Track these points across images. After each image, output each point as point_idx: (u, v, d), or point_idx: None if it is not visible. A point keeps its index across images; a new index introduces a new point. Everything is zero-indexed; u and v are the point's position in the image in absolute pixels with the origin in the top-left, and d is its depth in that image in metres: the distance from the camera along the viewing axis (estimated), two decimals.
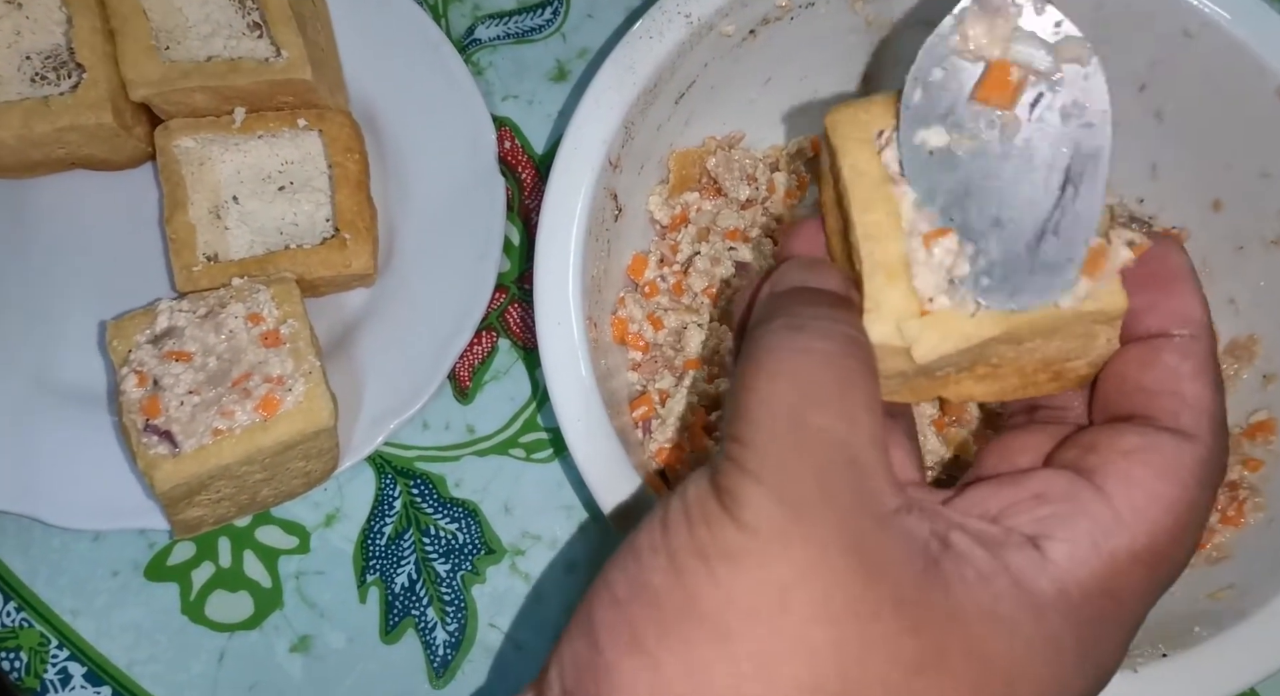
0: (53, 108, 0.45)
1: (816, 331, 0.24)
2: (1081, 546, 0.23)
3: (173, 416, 0.40)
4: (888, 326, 0.25)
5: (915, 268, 0.25)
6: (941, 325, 0.24)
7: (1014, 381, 0.27)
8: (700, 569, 0.22)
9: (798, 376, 0.23)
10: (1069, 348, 0.26)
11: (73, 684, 0.46)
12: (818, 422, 0.22)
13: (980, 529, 0.23)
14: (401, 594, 0.47)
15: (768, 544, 0.21)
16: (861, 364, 0.24)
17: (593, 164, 0.40)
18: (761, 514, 0.22)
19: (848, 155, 0.26)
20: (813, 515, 0.21)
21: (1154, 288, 0.26)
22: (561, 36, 0.55)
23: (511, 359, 0.50)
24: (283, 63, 0.45)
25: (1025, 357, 0.26)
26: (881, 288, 0.25)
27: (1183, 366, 0.25)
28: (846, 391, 0.23)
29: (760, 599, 0.21)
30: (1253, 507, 0.40)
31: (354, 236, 0.46)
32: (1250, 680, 0.34)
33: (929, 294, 0.24)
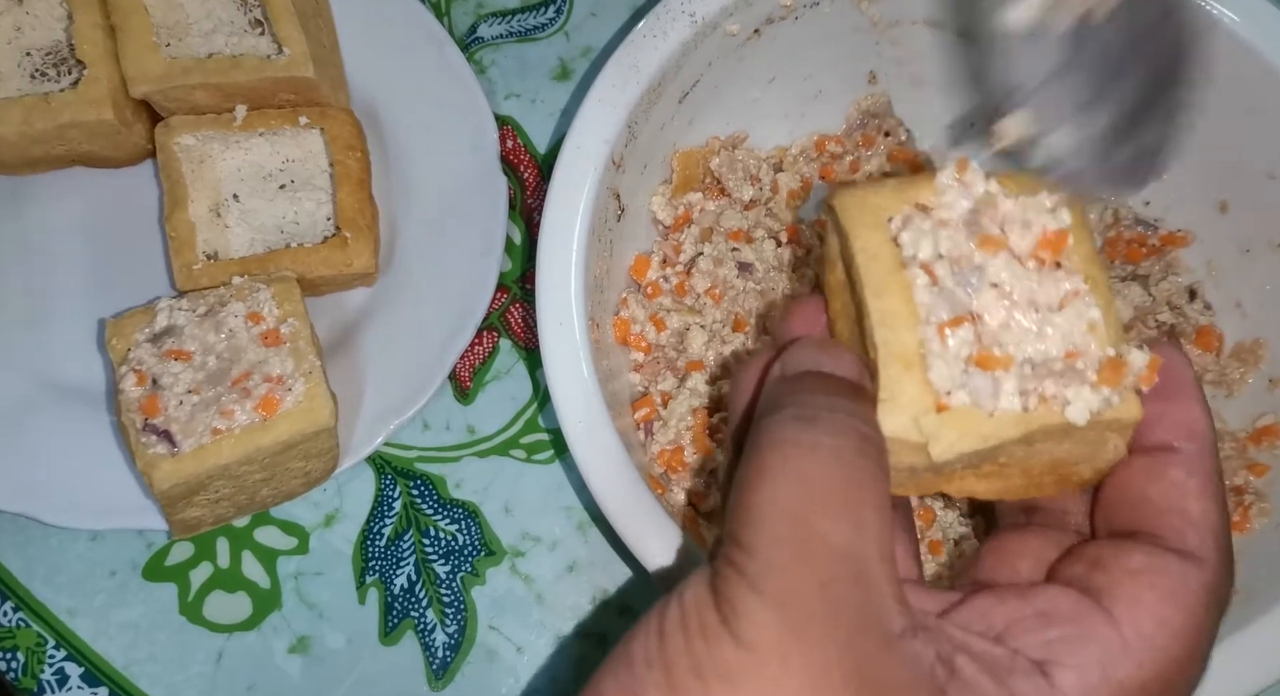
0: (53, 104, 0.45)
1: (827, 425, 0.23)
2: (1090, 675, 0.22)
3: (172, 415, 0.40)
4: (904, 419, 0.24)
5: (931, 359, 0.24)
6: (960, 423, 0.24)
7: (1018, 481, 0.27)
8: (695, 688, 0.21)
9: (804, 476, 0.22)
10: (1078, 452, 0.25)
11: (70, 684, 0.46)
12: (823, 528, 0.21)
13: (985, 652, 0.23)
14: (401, 595, 0.47)
15: (766, 665, 0.20)
16: (873, 463, 0.23)
17: (595, 163, 0.39)
18: (761, 629, 0.21)
19: (859, 239, 0.25)
20: (815, 633, 0.20)
21: (1159, 398, 0.25)
22: (565, 35, 0.55)
23: (513, 359, 0.50)
24: (284, 60, 0.45)
25: (1034, 459, 0.26)
26: (897, 378, 0.24)
27: (1189, 483, 0.25)
28: (855, 494, 0.22)
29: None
30: (1258, 513, 0.40)
31: (355, 235, 0.46)
32: (1255, 687, 0.34)
33: (945, 387, 0.24)
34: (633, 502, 0.36)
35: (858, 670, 0.20)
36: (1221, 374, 0.44)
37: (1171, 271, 0.45)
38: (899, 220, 0.25)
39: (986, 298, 0.24)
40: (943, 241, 0.25)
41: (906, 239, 0.25)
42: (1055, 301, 0.24)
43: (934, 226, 0.25)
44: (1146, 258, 0.46)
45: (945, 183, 0.25)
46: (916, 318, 0.24)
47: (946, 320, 0.24)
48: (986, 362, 0.24)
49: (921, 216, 0.25)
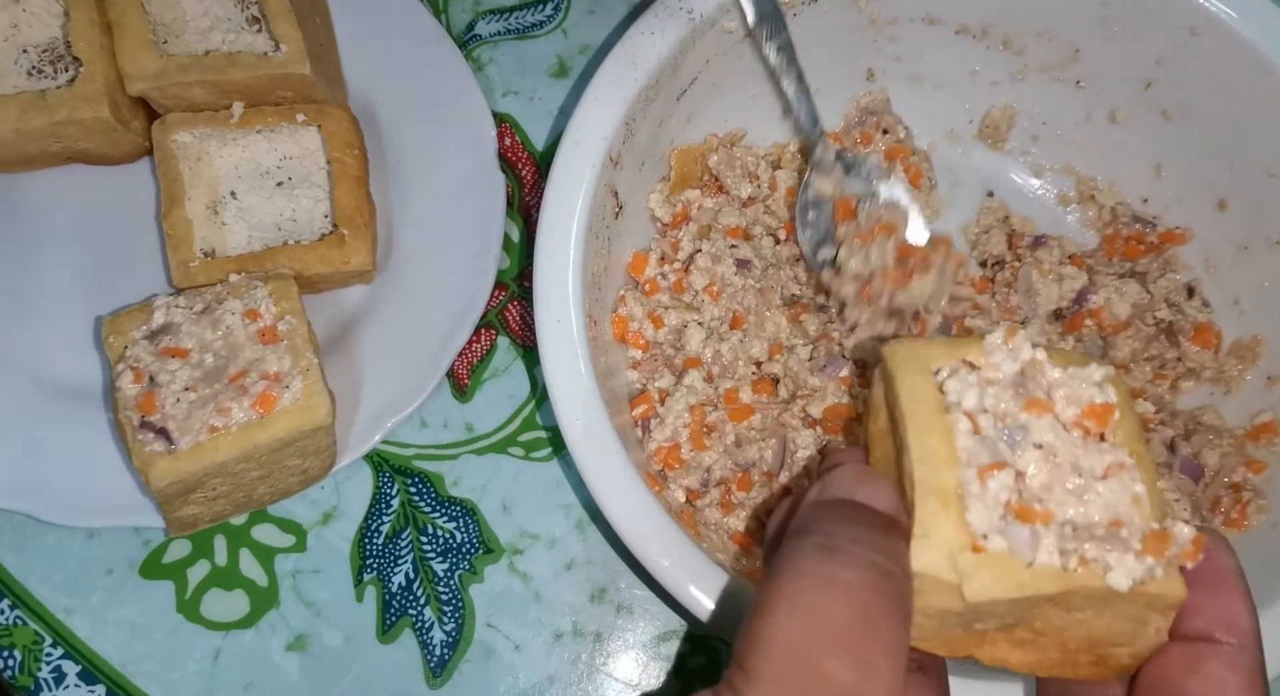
0: (49, 101, 0.45)
1: (847, 558, 0.23)
2: None
3: (169, 413, 0.40)
4: (938, 556, 0.23)
5: (970, 500, 0.24)
6: (997, 567, 0.23)
7: (1054, 656, 0.26)
8: None
9: (816, 611, 0.22)
10: (1118, 630, 0.25)
11: (66, 682, 0.45)
12: (829, 668, 0.21)
13: None
14: (399, 593, 0.47)
15: None
16: (892, 604, 0.22)
17: (593, 161, 0.39)
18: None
19: (905, 381, 0.25)
20: None
21: (1202, 587, 0.25)
22: (563, 32, 0.55)
23: (511, 357, 0.50)
24: (281, 57, 0.45)
25: (1071, 630, 0.25)
26: (934, 513, 0.24)
27: (1229, 679, 0.24)
28: (868, 634, 0.22)
29: None
30: (1256, 510, 0.40)
31: (352, 233, 0.46)
32: None
33: (982, 530, 0.23)
34: (630, 500, 0.36)
35: None
36: (1219, 371, 0.44)
37: (1170, 269, 0.45)
38: (946, 370, 0.26)
39: (1030, 455, 0.24)
40: (988, 397, 0.25)
41: (952, 386, 0.25)
42: (1099, 470, 0.24)
43: (980, 381, 0.25)
44: (1145, 255, 0.46)
45: (994, 343, 0.26)
46: (957, 460, 0.24)
47: (987, 464, 0.24)
48: (1026, 515, 0.24)
49: (968, 370, 0.25)
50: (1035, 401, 0.25)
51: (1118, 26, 0.42)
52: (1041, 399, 0.25)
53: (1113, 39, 0.42)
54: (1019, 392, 0.25)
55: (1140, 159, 0.46)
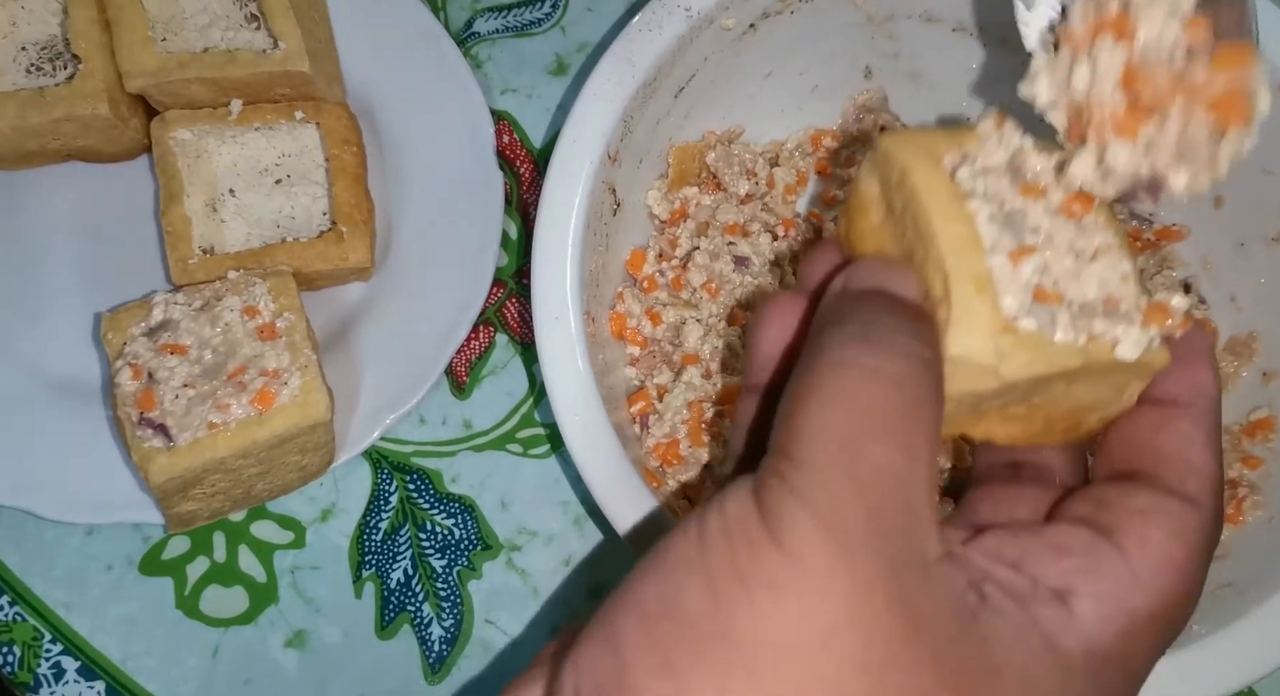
0: (48, 98, 0.45)
1: (891, 349, 0.23)
2: (1106, 604, 0.23)
3: (167, 409, 0.40)
4: (978, 339, 0.24)
5: (1002, 284, 0.24)
6: (1032, 346, 0.24)
7: (1038, 427, 0.27)
8: (739, 594, 0.20)
9: (864, 401, 0.22)
10: (1103, 397, 0.26)
11: (66, 678, 0.46)
12: (877, 455, 0.21)
13: (1008, 579, 0.23)
14: (397, 589, 0.47)
15: (812, 578, 0.20)
16: (933, 392, 0.23)
17: (591, 158, 0.39)
18: (808, 543, 0.20)
19: (918, 171, 0.25)
20: (862, 556, 0.21)
21: (1176, 357, 0.26)
22: (561, 30, 0.55)
23: (509, 354, 0.50)
24: (280, 54, 0.45)
25: (1065, 402, 0.26)
26: (971, 298, 0.24)
27: (1195, 434, 0.26)
28: (913, 422, 0.22)
29: (800, 636, 0.20)
30: (1252, 506, 0.40)
31: (351, 230, 0.46)
32: (1248, 678, 0.34)
33: (1013, 313, 0.24)
34: (629, 496, 0.36)
35: (900, 594, 0.21)
36: None
37: (1166, 265, 0.46)
38: (949, 160, 0.26)
39: (1033, 239, 0.25)
40: (990, 184, 0.25)
41: (963, 175, 0.25)
42: (1090, 251, 0.25)
43: (982, 169, 0.26)
44: (1142, 252, 0.46)
45: (987, 131, 0.26)
46: (983, 246, 0.24)
47: (1015, 248, 0.24)
48: (1044, 296, 0.24)
49: (968, 161, 0.26)
50: (1031, 187, 0.26)
51: None
52: (1035, 184, 0.26)
53: None
54: (1014, 179, 0.26)
55: None
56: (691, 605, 0.21)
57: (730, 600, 0.20)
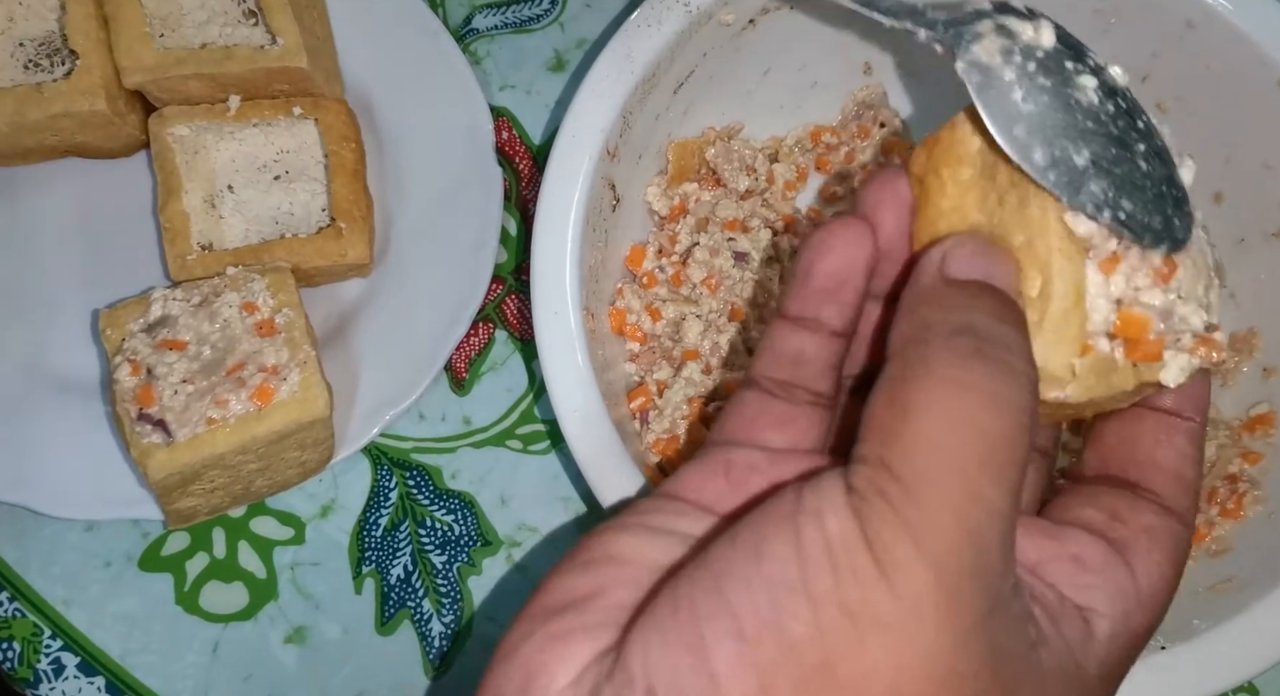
0: (46, 94, 0.45)
1: (1005, 370, 0.22)
2: (1119, 626, 0.24)
3: (166, 405, 0.40)
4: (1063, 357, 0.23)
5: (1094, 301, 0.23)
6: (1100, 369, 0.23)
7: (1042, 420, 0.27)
8: (848, 629, 0.20)
9: (980, 429, 0.21)
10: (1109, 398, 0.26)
11: (66, 674, 0.46)
12: (987, 492, 0.21)
13: (1044, 594, 0.24)
14: (397, 585, 0.47)
15: (922, 622, 0.20)
16: (1033, 415, 0.22)
17: (590, 153, 0.39)
18: (919, 586, 0.20)
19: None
20: (965, 600, 0.21)
21: None
22: (560, 26, 0.55)
23: (508, 350, 0.50)
24: (278, 50, 0.45)
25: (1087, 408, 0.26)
26: (1069, 313, 0.23)
27: (1189, 451, 0.27)
28: (1018, 453, 0.22)
29: (903, 680, 0.20)
30: (1252, 501, 0.40)
31: (350, 226, 0.46)
32: (1249, 673, 0.34)
33: (1094, 332, 0.23)
34: (629, 493, 0.36)
35: (989, 643, 0.21)
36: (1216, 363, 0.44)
37: None
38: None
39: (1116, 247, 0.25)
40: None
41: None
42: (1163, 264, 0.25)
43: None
44: None
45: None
46: (1085, 252, 0.24)
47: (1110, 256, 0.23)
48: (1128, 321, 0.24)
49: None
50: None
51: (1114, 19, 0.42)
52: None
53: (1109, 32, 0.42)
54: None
55: None
56: (795, 632, 0.20)
57: (838, 636, 0.20)
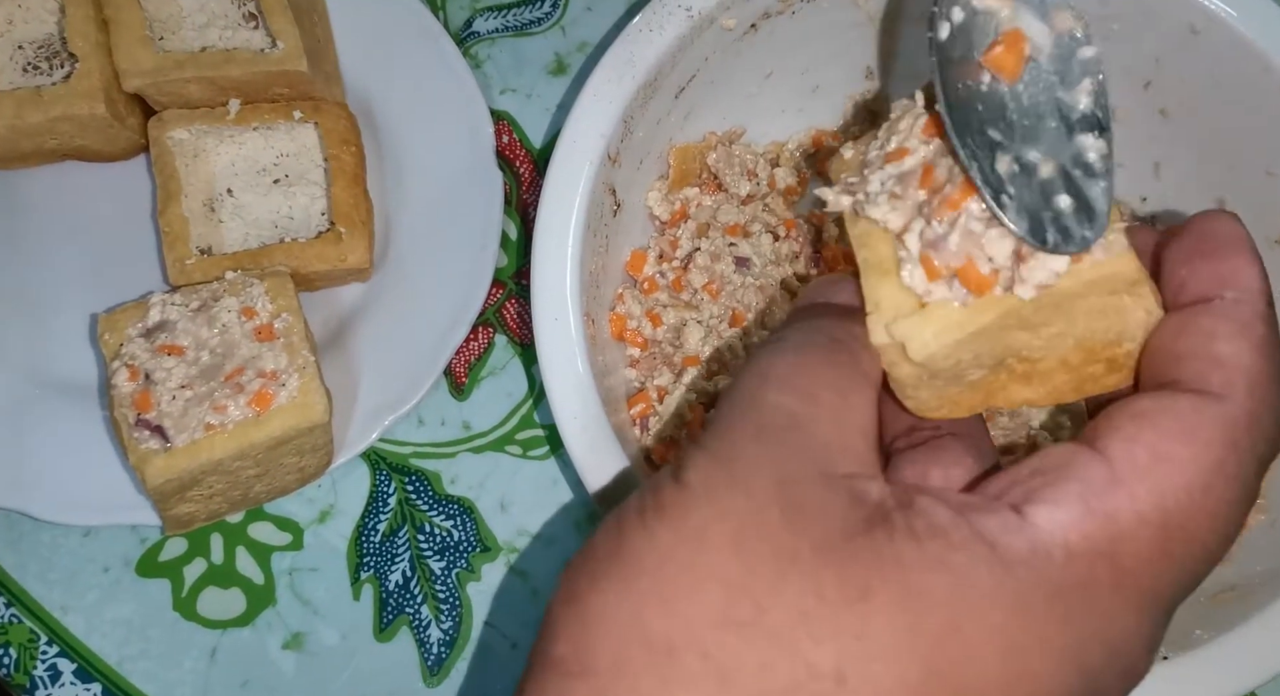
0: (45, 97, 0.45)
1: (796, 330, 0.25)
2: (1067, 507, 0.21)
3: (164, 411, 0.39)
4: (878, 327, 0.24)
5: (903, 264, 0.24)
6: (935, 319, 0.24)
7: (1064, 378, 0.25)
8: (635, 523, 0.23)
9: (760, 366, 0.25)
10: (1104, 327, 0.24)
11: (62, 680, 0.45)
12: (771, 399, 0.24)
13: (958, 497, 0.23)
14: (396, 591, 0.47)
15: (696, 494, 0.22)
16: (837, 356, 0.25)
17: (591, 158, 0.39)
18: (698, 471, 0.23)
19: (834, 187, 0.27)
20: (744, 468, 0.22)
21: (1198, 257, 0.24)
22: (561, 30, 0.55)
23: (508, 355, 0.50)
24: (278, 54, 0.45)
25: (1059, 346, 0.24)
26: (875, 285, 0.25)
27: (1218, 328, 0.22)
28: (809, 374, 0.24)
29: (681, 541, 0.22)
30: (1255, 510, 0.40)
31: (350, 230, 0.46)
32: (1251, 684, 0.34)
33: (919, 289, 0.24)
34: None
35: (782, 496, 0.22)
36: None
37: None
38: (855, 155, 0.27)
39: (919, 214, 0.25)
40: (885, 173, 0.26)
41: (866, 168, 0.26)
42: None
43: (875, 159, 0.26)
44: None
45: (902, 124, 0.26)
46: (890, 235, 0.25)
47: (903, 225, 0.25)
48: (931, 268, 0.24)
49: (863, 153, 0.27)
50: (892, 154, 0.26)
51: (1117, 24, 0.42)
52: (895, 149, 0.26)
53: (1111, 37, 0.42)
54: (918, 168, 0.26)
55: (1139, 158, 0.46)
56: (597, 543, 0.23)
57: (629, 529, 0.23)
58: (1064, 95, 0.25)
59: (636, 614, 0.21)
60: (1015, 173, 0.24)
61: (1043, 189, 0.23)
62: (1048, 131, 0.24)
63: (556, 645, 0.22)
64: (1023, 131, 0.24)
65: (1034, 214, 0.23)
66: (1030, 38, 0.25)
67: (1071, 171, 0.24)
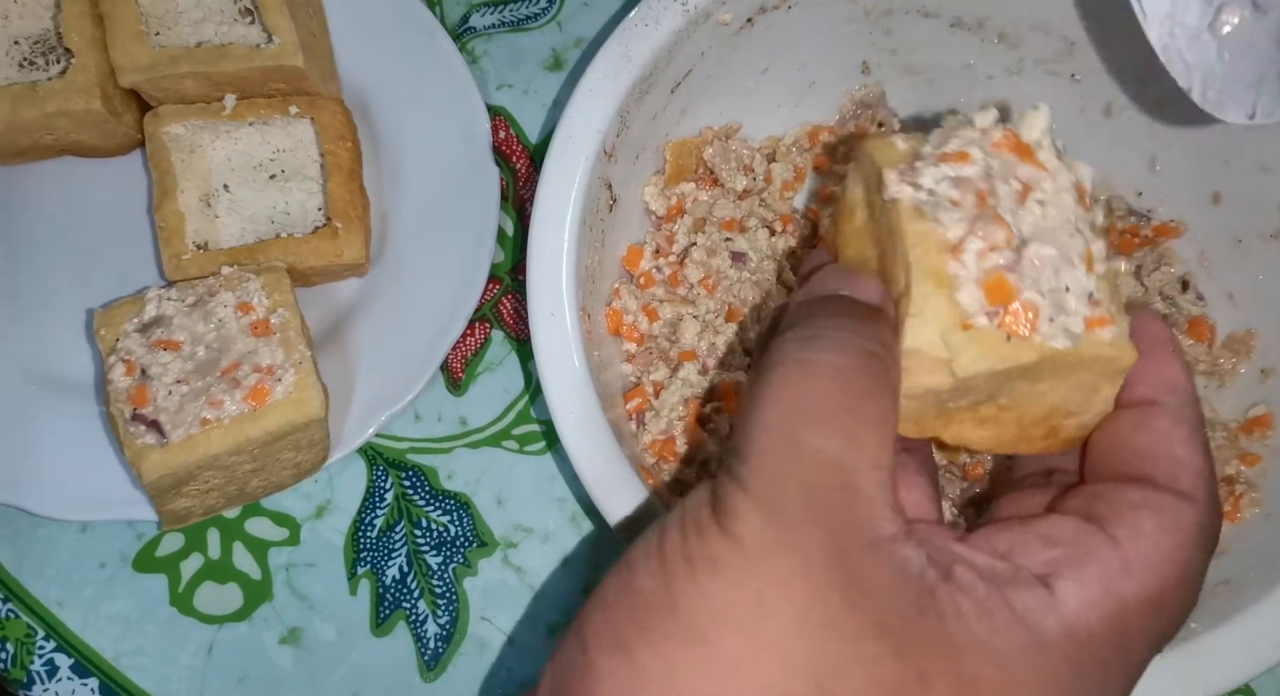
0: (41, 93, 0.45)
1: (829, 343, 0.24)
2: (1091, 589, 0.23)
3: (161, 406, 0.39)
4: (932, 333, 0.24)
5: (960, 282, 0.24)
6: (983, 342, 0.24)
7: (1011, 431, 0.27)
8: (685, 573, 0.22)
9: (798, 391, 0.23)
10: (1075, 400, 0.26)
11: (59, 675, 0.45)
12: (815, 441, 0.23)
13: (987, 564, 0.23)
14: (392, 586, 0.47)
15: (751, 554, 0.22)
16: (876, 381, 0.23)
17: (587, 153, 0.39)
18: (749, 525, 0.22)
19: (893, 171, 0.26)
20: (798, 532, 0.22)
21: (1143, 357, 0.26)
22: (557, 25, 0.55)
23: (505, 350, 0.50)
24: (274, 49, 0.45)
25: (1034, 403, 0.26)
26: (929, 294, 0.24)
27: (1175, 431, 0.26)
28: (851, 409, 0.23)
29: (739, 606, 0.21)
30: (1249, 503, 0.40)
31: (346, 226, 0.46)
32: (1245, 676, 0.34)
33: (971, 310, 0.24)
34: (624, 493, 0.36)
35: (839, 566, 0.21)
36: (1213, 364, 0.44)
37: (1164, 262, 0.45)
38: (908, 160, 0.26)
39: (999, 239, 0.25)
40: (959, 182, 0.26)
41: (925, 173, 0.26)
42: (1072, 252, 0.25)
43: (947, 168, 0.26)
44: (1139, 248, 0.46)
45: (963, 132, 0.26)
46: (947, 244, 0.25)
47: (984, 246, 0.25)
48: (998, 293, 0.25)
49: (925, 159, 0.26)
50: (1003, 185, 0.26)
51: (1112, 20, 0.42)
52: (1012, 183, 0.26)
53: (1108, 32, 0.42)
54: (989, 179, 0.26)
55: (1135, 153, 0.46)
56: (643, 587, 0.22)
57: (677, 579, 0.22)
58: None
59: (699, 683, 0.21)
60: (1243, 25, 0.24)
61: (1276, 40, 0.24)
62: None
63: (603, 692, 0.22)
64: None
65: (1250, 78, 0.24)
66: None
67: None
